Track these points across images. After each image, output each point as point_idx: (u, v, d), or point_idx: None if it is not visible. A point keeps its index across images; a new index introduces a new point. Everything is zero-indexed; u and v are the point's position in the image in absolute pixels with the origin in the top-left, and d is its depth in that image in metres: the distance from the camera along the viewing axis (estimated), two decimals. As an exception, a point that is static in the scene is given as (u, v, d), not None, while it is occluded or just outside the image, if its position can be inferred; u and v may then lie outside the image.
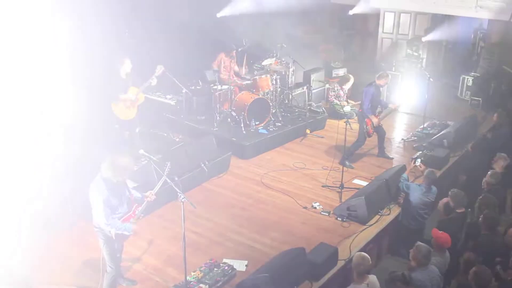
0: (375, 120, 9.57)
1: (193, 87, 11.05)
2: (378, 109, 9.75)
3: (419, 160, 8.18)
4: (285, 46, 11.67)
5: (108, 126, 9.12)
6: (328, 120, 11.90)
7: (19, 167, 7.09)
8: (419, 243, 6.14)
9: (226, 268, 6.61)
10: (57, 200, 7.51)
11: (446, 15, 13.15)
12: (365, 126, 9.56)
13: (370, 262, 5.87)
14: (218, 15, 11.78)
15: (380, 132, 9.96)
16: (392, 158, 10.11)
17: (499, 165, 8.22)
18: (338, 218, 8.03)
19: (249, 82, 10.98)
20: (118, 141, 9.05)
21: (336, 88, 12.34)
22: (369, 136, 9.77)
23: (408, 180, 8.19)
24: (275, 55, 11.78)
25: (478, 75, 13.10)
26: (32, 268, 6.68)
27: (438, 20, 13.98)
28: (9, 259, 6.51)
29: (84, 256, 7.05)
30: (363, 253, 6.00)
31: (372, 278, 5.89)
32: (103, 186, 5.65)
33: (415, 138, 10.99)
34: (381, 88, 9.87)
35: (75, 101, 8.22)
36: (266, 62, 11.58)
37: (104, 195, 5.63)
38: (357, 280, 5.84)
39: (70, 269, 6.82)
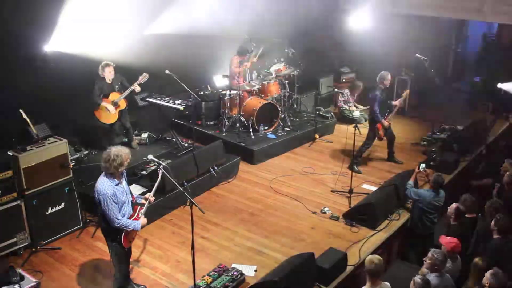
0: (385, 123, 9.55)
1: (201, 93, 11.10)
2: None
3: (423, 165, 8.14)
4: (293, 51, 11.67)
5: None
6: (336, 125, 11.89)
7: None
8: (433, 249, 6.10)
9: (235, 273, 6.60)
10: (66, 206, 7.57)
11: (455, 19, 13.11)
12: (376, 131, 9.55)
13: (383, 263, 5.82)
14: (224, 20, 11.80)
15: (389, 136, 9.93)
16: (402, 163, 10.06)
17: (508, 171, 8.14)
18: (347, 223, 8.00)
19: (258, 87, 10.99)
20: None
21: (345, 93, 12.34)
22: (380, 139, 9.76)
23: (417, 186, 8.14)
24: (283, 60, 11.79)
25: (487, 79, 13.02)
26: (43, 274, 6.73)
27: (447, 24, 13.93)
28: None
29: (93, 261, 7.09)
30: (375, 255, 5.94)
31: (385, 285, 5.83)
32: (108, 183, 5.70)
33: (425, 142, 10.95)
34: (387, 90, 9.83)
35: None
36: (274, 67, 11.59)
37: (110, 191, 5.67)
38: (370, 285, 5.78)
39: (80, 275, 6.85)
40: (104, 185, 5.69)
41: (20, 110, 7.46)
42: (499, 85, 11.96)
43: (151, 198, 6.15)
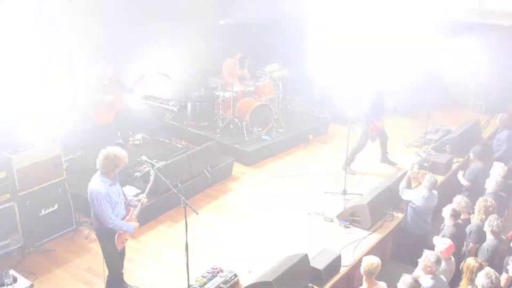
0: (379, 124, 9.57)
1: (196, 94, 11.09)
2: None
3: (416, 165, 8.18)
4: (287, 51, 11.68)
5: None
6: (331, 125, 11.90)
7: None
8: (427, 251, 6.12)
9: (229, 274, 6.60)
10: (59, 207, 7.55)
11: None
12: (369, 132, 9.57)
13: (380, 264, 5.85)
14: (221, 22, 11.81)
15: (382, 137, 9.95)
16: (395, 164, 10.09)
17: (497, 174, 8.18)
18: (341, 224, 8.02)
19: (252, 88, 10.99)
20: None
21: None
22: (373, 140, 9.78)
23: (410, 187, 8.17)
24: (277, 61, 11.81)
25: (480, 79, 13.07)
26: (37, 276, 6.71)
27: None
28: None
29: (87, 263, 7.07)
30: (373, 256, 5.97)
31: (382, 284, 5.86)
32: (101, 183, 5.70)
33: (418, 143, 10.98)
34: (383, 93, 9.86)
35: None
36: (269, 68, 11.60)
37: (104, 190, 5.67)
38: (368, 286, 5.80)
39: (74, 276, 6.84)
40: (97, 184, 5.69)
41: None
42: None
43: (144, 200, 6.15)
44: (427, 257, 6.00)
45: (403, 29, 11.45)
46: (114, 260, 6.09)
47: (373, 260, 5.78)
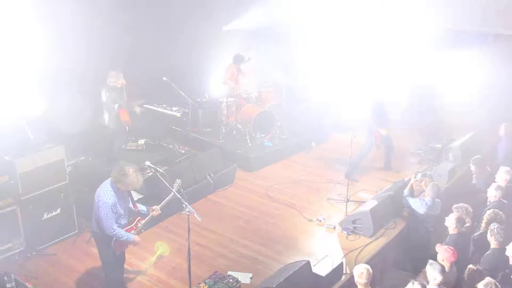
0: (384, 131, 9.55)
1: (199, 99, 11.11)
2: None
3: (419, 174, 8.16)
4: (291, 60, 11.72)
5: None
6: (333, 133, 11.91)
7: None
8: (431, 261, 6.09)
9: (231, 280, 6.58)
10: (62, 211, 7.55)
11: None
12: (374, 139, 9.55)
13: (371, 271, 5.84)
14: (225, 28, 11.85)
15: (388, 145, 9.94)
16: (398, 172, 10.07)
17: (502, 179, 8.16)
18: (344, 231, 8.00)
19: (255, 94, 11.02)
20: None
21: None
22: (378, 148, 9.76)
23: (413, 195, 8.15)
24: (280, 68, 11.84)
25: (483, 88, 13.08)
26: (38, 280, 6.71)
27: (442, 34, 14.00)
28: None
29: (88, 267, 7.07)
30: (362, 264, 5.96)
31: None
32: (111, 192, 5.70)
33: (421, 151, 10.97)
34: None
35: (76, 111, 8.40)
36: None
37: (111, 200, 5.68)
38: None
39: (75, 281, 6.84)
40: (107, 193, 5.70)
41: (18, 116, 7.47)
42: None
43: (155, 212, 6.15)
44: (432, 266, 5.97)
45: (407, 37, 11.50)
46: (111, 264, 6.09)
47: (361, 269, 5.79)
